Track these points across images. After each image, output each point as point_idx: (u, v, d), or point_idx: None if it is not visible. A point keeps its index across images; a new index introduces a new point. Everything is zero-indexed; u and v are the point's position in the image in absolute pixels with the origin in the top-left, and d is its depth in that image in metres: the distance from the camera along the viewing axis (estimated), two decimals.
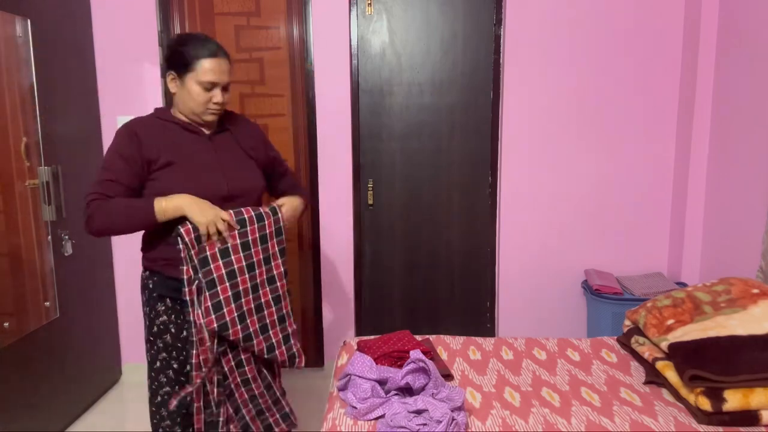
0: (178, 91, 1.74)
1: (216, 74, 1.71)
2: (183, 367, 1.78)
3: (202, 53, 1.70)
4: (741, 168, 2.61)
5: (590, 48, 2.99)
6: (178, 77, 1.73)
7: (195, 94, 1.71)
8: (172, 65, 1.73)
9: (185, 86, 1.72)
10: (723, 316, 1.85)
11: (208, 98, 1.72)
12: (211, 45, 1.72)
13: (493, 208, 3.16)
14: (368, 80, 3.07)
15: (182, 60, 1.70)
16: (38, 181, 2.54)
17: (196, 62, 1.69)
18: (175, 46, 1.74)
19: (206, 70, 1.70)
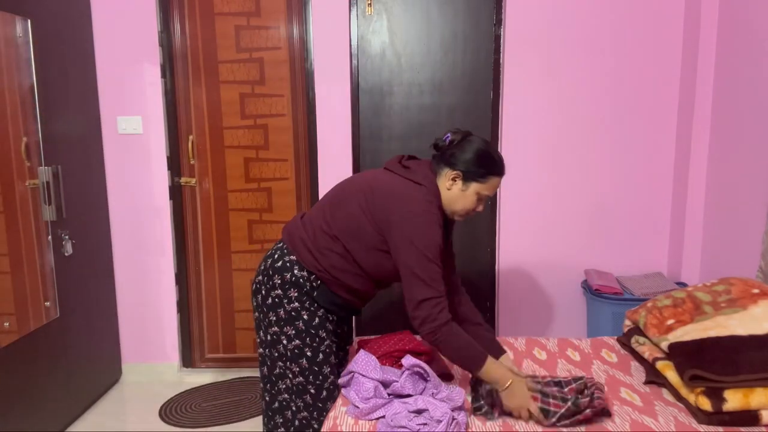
0: (455, 191, 1.77)
1: (494, 191, 1.82)
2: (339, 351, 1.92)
3: (496, 171, 1.78)
4: (741, 168, 2.61)
5: (590, 48, 2.99)
6: (463, 180, 1.76)
7: (470, 202, 1.78)
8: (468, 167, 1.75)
9: (467, 191, 1.77)
10: (723, 316, 1.85)
11: (474, 206, 1.81)
12: (503, 165, 1.81)
13: (493, 208, 3.16)
14: (368, 80, 3.07)
15: (480, 171, 1.75)
16: (38, 181, 2.54)
17: (488, 178, 1.76)
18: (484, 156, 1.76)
19: (492, 186, 1.79)
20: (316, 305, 1.81)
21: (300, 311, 1.79)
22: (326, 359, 1.81)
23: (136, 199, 3.15)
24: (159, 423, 2.83)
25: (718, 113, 2.78)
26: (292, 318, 1.79)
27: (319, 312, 1.81)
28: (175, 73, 3.11)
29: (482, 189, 1.78)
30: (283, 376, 1.84)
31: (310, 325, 1.79)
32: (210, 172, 3.20)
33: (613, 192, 3.10)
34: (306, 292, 1.80)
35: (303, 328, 1.79)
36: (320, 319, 1.81)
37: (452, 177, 1.77)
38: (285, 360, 1.82)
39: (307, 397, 1.81)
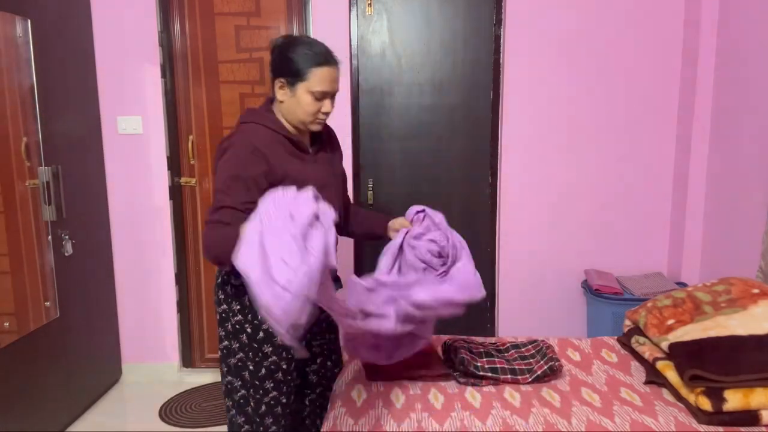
0: (287, 100, 1.65)
1: (329, 83, 1.63)
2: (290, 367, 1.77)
3: (316, 60, 1.61)
4: (741, 168, 2.61)
5: (590, 48, 2.99)
6: (287, 85, 1.63)
7: (305, 104, 1.63)
8: (282, 72, 1.63)
9: (296, 95, 1.63)
10: (723, 316, 1.85)
11: (317, 108, 1.65)
12: (323, 51, 1.63)
13: (493, 208, 3.16)
14: (368, 80, 3.07)
15: (293, 67, 1.61)
16: (38, 181, 2.54)
17: (308, 70, 1.60)
18: (285, 52, 1.63)
19: (319, 79, 1.61)
20: (260, 319, 1.69)
21: (243, 324, 1.73)
22: (269, 374, 1.75)
23: (136, 199, 3.15)
24: (159, 423, 2.83)
25: (718, 113, 2.78)
26: (237, 332, 1.74)
27: (264, 326, 1.71)
28: (175, 73, 3.11)
29: (311, 86, 1.61)
30: (231, 390, 1.80)
31: (253, 339, 1.73)
32: (210, 172, 3.20)
33: (613, 192, 3.10)
34: (247, 306, 1.72)
35: (246, 341, 1.73)
36: (265, 334, 1.72)
37: (279, 86, 1.65)
38: (231, 374, 1.79)
39: (248, 409, 1.78)
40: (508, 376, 1.86)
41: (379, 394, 1.81)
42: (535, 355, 1.97)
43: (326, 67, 1.62)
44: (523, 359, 1.95)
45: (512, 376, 1.86)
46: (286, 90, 1.65)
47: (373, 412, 1.71)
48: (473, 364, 1.87)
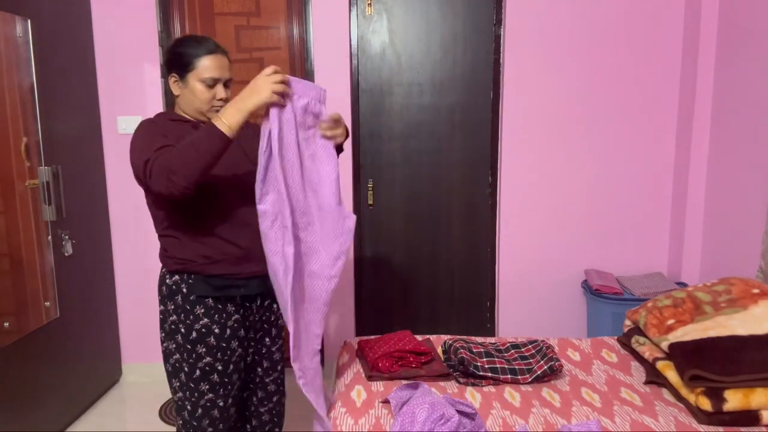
0: (182, 92, 1.74)
1: (216, 70, 1.72)
2: (227, 368, 1.73)
3: (201, 51, 1.70)
4: (741, 168, 2.61)
5: (590, 48, 2.99)
6: (180, 78, 1.73)
7: (198, 92, 1.71)
8: (173, 67, 1.73)
9: (188, 86, 1.72)
10: (723, 316, 1.85)
11: (211, 95, 1.72)
12: (208, 42, 1.73)
13: (493, 208, 3.16)
14: (368, 80, 3.07)
15: (182, 60, 1.71)
16: (38, 181, 2.54)
17: (195, 60, 1.70)
18: (173, 48, 1.74)
19: (206, 66, 1.70)
20: (192, 319, 1.69)
21: (178, 324, 1.71)
22: (204, 377, 1.71)
23: (136, 199, 3.13)
24: (159, 423, 2.83)
25: (718, 113, 2.78)
26: (172, 332, 1.73)
27: (196, 326, 1.69)
28: None
29: (200, 74, 1.69)
30: (174, 392, 1.78)
31: (186, 340, 1.71)
32: None
33: (613, 192, 3.10)
34: (180, 305, 1.70)
35: (181, 342, 1.72)
36: (198, 334, 1.70)
37: (173, 81, 1.74)
38: (170, 376, 1.78)
39: (184, 413, 1.76)
40: (508, 376, 1.86)
41: (379, 394, 1.81)
42: (535, 355, 1.97)
43: (212, 55, 1.71)
44: (523, 359, 1.95)
45: (512, 376, 1.86)
46: (179, 83, 1.73)
47: (373, 411, 1.71)
48: (473, 364, 1.87)
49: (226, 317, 1.72)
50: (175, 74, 1.73)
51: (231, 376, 1.75)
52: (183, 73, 1.71)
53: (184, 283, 1.71)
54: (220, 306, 1.72)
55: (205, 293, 1.70)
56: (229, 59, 1.77)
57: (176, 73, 1.73)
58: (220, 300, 1.72)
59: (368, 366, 1.96)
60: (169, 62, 1.75)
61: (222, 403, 1.74)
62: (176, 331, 1.72)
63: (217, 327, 1.71)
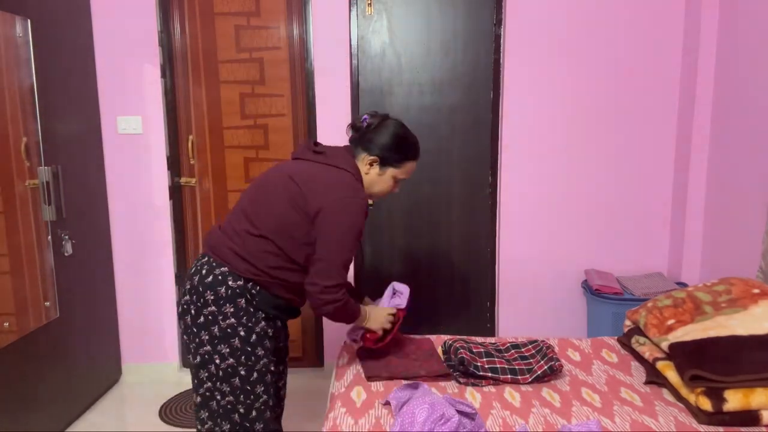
0: (372, 174, 1.83)
1: (410, 174, 1.89)
2: (278, 369, 1.85)
3: (413, 156, 1.86)
4: (741, 168, 2.61)
5: (590, 48, 2.99)
6: (380, 165, 1.82)
7: (388, 186, 1.86)
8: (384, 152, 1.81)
9: (384, 175, 1.84)
10: (723, 316, 1.85)
11: (391, 189, 1.89)
12: (418, 148, 1.89)
13: (493, 208, 3.16)
14: (368, 80, 3.07)
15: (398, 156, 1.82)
16: (38, 181, 2.54)
17: (405, 161, 1.84)
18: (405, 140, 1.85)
19: (408, 170, 1.87)
20: (254, 321, 1.72)
21: (236, 328, 1.70)
22: (261, 378, 1.75)
23: (136, 199, 3.15)
24: (159, 423, 2.83)
25: (718, 113, 2.78)
26: (228, 335, 1.70)
27: (257, 328, 1.73)
28: (175, 73, 3.11)
29: (398, 173, 1.85)
30: (210, 398, 1.75)
31: (246, 342, 1.71)
32: (210, 172, 3.20)
33: (613, 192, 3.10)
34: (243, 307, 1.71)
35: (239, 346, 1.71)
36: (258, 336, 1.73)
37: (369, 162, 1.81)
38: (215, 380, 1.73)
39: (235, 416, 1.73)
40: (508, 376, 1.86)
41: (379, 394, 1.81)
42: (535, 355, 1.97)
43: (415, 162, 1.89)
44: (523, 359, 1.95)
45: (512, 376, 1.86)
46: (375, 168, 1.83)
47: (372, 412, 1.71)
48: (473, 364, 1.87)
49: (276, 323, 1.81)
50: (377, 158, 1.81)
51: (277, 376, 1.83)
52: (388, 165, 1.82)
53: (247, 291, 1.72)
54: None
55: (265, 309, 1.75)
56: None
57: (381, 159, 1.81)
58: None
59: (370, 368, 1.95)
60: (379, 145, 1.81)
61: (272, 403, 1.79)
62: (233, 335, 1.71)
63: (271, 330, 1.77)
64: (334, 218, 1.69)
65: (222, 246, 1.75)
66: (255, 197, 1.78)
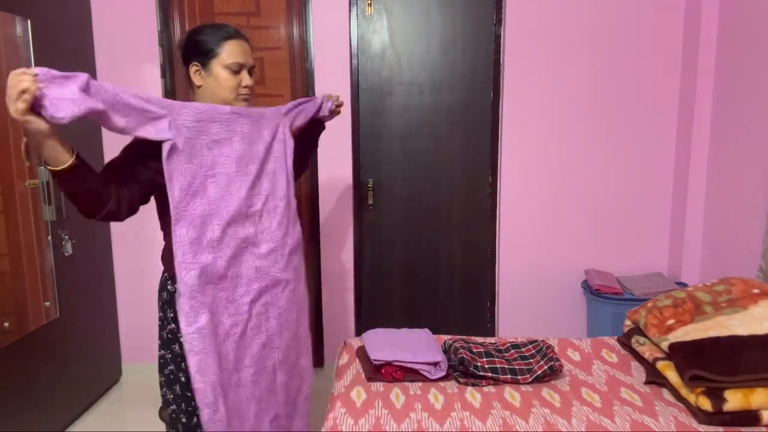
0: (204, 81, 1.66)
1: (241, 55, 1.65)
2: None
3: (223, 36, 1.63)
4: (741, 168, 2.61)
5: (590, 48, 2.99)
6: (202, 67, 1.64)
7: (223, 79, 1.64)
8: (193, 55, 1.64)
9: (212, 74, 1.64)
10: (724, 316, 1.85)
11: (237, 82, 1.65)
12: (228, 28, 1.66)
13: (493, 208, 3.16)
14: (368, 80, 3.07)
15: (203, 47, 1.63)
16: (38, 181, 2.54)
17: (218, 46, 1.62)
18: (192, 36, 1.66)
19: (231, 52, 1.63)
20: None
21: (176, 333, 1.62)
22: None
23: None
24: (159, 423, 2.82)
25: (718, 113, 2.78)
26: (169, 341, 1.66)
27: None
28: (175, 73, 3.11)
29: (223, 61, 1.63)
30: (166, 406, 1.70)
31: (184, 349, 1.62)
32: None
33: (613, 192, 3.10)
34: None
35: (179, 351, 1.63)
36: None
37: (194, 71, 1.66)
38: (162, 387, 1.69)
39: (179, 426, 1.67)
40: (508, 376, 1.86)
41: (379, 395, 1.81)
42: (535, 355, 1.97)
43: (235, 40, 1.65)
44: (523, 359, 1.95)
45: (512, 376, 1.86)
46: (201, 72, 1.65)
47: (372, 412, 1.71)
48: (473, 364, 1.87)
49: None
50: (196, 63, 1.64)
51: None
52: (206, 61, 1.63)
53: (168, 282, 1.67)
54: None
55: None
56: (250, 45, 1.70)
57: (198, 61, 1.64)
58: None
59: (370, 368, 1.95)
60: (188, 51, 1.66)
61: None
62: (174, 341, 1.64)
63: None
64: None
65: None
66: None
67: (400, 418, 1.67)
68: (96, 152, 3.05)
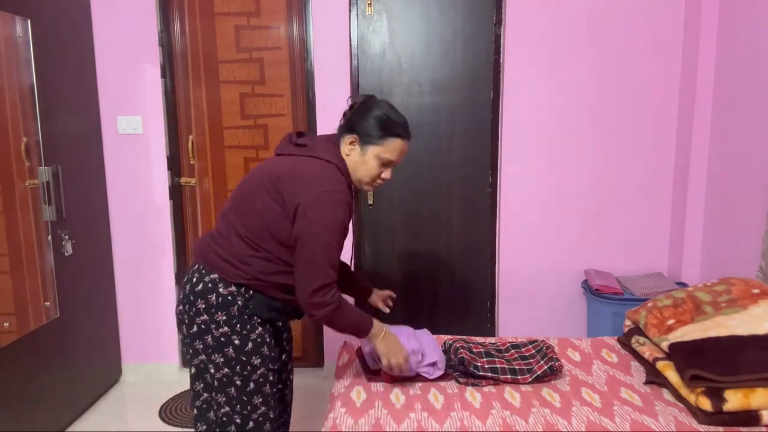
0: (352, 155, 1.70)
1: (399, 156, 1.70)
2: (277, 379, 1.77)
3: (397, 132, 1.68)
4: (741, 168, 2.61)
5: (590, 48, 2.99)
6: (360, 144, 1.69)
7: (371, 167, 1.69)
8: (361, 130, 1.68)
9: (365, 156, 1.69)
10: (723, 316, 1.85)
11: (379, 173, 1.71)
12: (406, 125, 1.70)
13: (493, 208, 3.15)
14: (368, 80, 3.07)
15: (376, 131, 1.66)
16: (38, 181, 2.54)
17: (388, 139, 1.67)
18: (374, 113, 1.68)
19: (394, 150, 1.68)
20: (248, 328, 1.66)
21: (230, 336, 1.64)
22: (258, 389, 1.68)
23: (136, 199, 3.15)
24: (159, 423, 2.83)
25: (718, 113, 2.78)
26: (221, 344, 1.65)
27: (252, 335, 1.66)
28: (175, 73, 3.11)
29: (382, 152, 1.67)
30: (206, 410, 1.70)
31: (241, 351, 1.65)
32: (210, 172, 3.20)
33: (613, 192, 3.10)
34: (235, 315, 1.66)
35: (233, 355, 1.65)
36: (253, 345, 1.66)
37: (350, 141, 1.69)
38: (211, 391, 1.68)
39: (231, 428, 1.67)
40: (508, 376, 1.86)
41: (379, 394, 1.81)
42: (535, 355, 1.96)
43: (403, 141, 1.70)
44: (523, 359, 1.95)
45: (512, 376, 1.86)
46: (356, 148, 1.70)
47: (372, 412, 1.71)
48: (473, 364, 1.87)
49: (274, 328, 1.75)
50: (356, 137, 1.68)
51: (278, 386, 1.77)
52: (368, 143, 1.68)
53: (240, 296, 1.66)
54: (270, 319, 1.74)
55: (262, 313, 1.68)
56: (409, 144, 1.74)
57: (361, 137, 1.68)
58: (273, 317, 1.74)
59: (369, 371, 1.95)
60: (360, 123, 1.68)
61: (272, 414, 1.72)
62: (227, 344, 1.65)
63: (269, 336, 1.70)
64: (313, 213, 1.56)
65: (210, 252, 1.69)
66: (238, 200, 1.72)
67: (399, 418, 1.67)
68: (96, 153, 3.05)
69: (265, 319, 1.71)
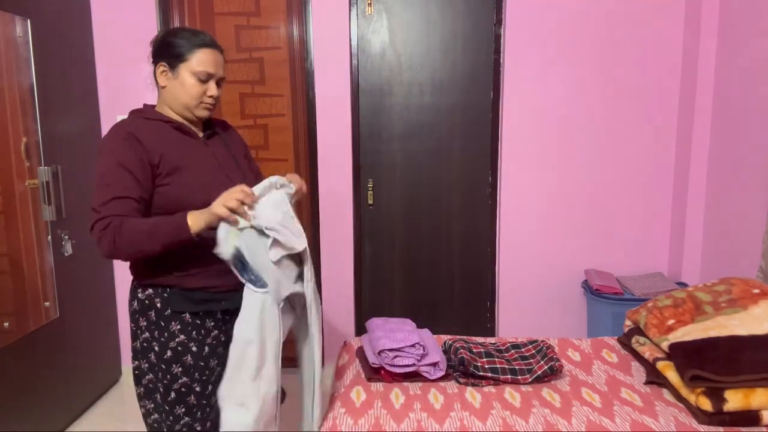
0: (169, 83, 1.61)
1: (212, 65, 1.60)
2: (206, 389, 1.60)
3: (197, 43, 1.59)
4: (741, 168, 2.60)
5: (590, 48, 2.99)
6: (169, 68, 1.59)
7: (189, 86, 1.59)
8: (163, 56, 1.60)
9: (178, 77, 1.59)
10: (724, 316, 1.85)
11: (202, 91, 1.60)
12: (205, 36, 1.62)
13: (493, 208, 3.15)
14: (368, 80, 3.07)
15: (175, 49, 1.58)
16: (38, 181, 2.54)
17: (190, 52, 1.57)
18: (166, 37, 1.61)
19: (201, 59, 1.58)
20: (167, 336, 1.59)
21: (151, 342, 1.61)
22: (180, 399, 1.58)
23: None
24: None
25: (718, 113, 2.78)
26: (144, 350, 1.62)
27: (172, 343, 1.58)
28: None
29: (193, 66, 1.57)
30: (146, 415, 1.65)
31: (161, 359, 1.59)
32: None
33: (614, 192, 3.10)
34: (153, 320, 1.61)
35: (155, 361, 1.60)
36: (173, 353, 1.58)
37: (161, 71, 1.61)
38: (142, 397, 1.65)
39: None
40: (508, 376, 1.86)
41: (379, 395, 1.81)
42: (535, 355, 1.96)
43: (209, 49, 1.60)
44: (523, 359, 1.95)
45: (512, 376, 1.86)
46: (167, 74, 1.60)
47: (372, 412, 1.71)
48: (473, 364, 1.87)
49: (204, 334, 1.60)
50: (164, 64, 1.60)
51: (209, 398, 1.60)
52: (174, 63, 1.58)
53: (158, 297, 1.61)
54: (198, 322, 1.60)
55: (183, 308, 1.59)
56: (224, 57, 1.67)
57: (166, 62, 1.59)
58: (199, 315, 1.60)
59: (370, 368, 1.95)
60: (159, 50, 1.61)
61: (200, 427, 1.59)
62: (149, 350, 1.61)
63: (194, 345, 1.59)
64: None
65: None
66: None
67: (399, 418, 1.67)
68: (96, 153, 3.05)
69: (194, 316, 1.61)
